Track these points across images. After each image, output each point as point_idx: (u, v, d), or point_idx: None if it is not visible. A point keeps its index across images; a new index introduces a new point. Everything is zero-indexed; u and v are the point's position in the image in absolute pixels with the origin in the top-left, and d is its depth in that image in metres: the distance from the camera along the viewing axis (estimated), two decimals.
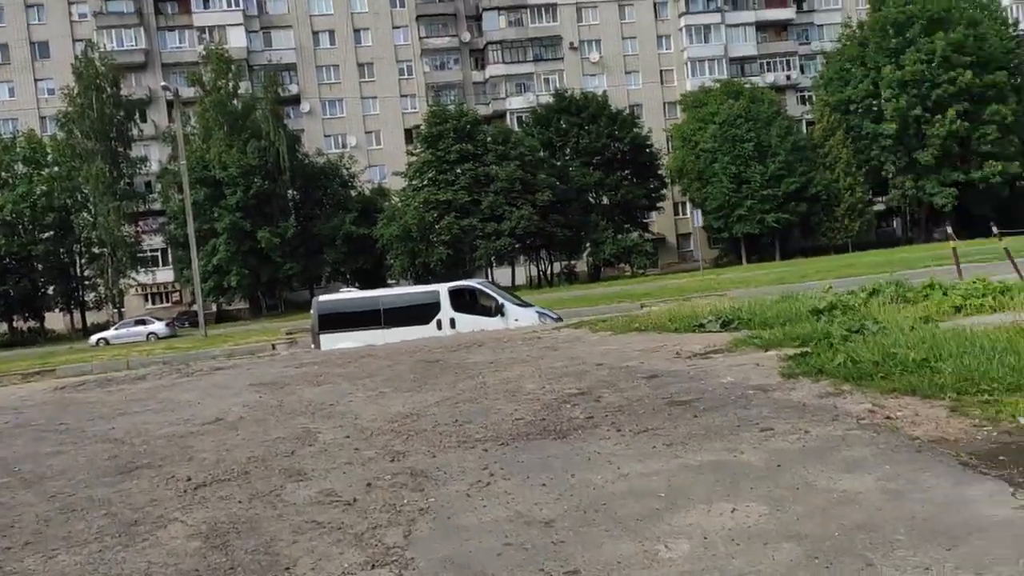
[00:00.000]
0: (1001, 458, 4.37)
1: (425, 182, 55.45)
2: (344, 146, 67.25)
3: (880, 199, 64.59)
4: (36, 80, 65.17)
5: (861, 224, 60.15)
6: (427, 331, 18.04)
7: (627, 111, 63.48)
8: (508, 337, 12.93)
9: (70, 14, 65.52)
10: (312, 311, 19.42)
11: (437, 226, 53.57)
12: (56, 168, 54.27)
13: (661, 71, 72.86)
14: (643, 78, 72.43)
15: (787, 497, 4.22)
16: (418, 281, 52.89)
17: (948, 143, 57.27)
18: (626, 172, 61.83)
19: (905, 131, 58.47)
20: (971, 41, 57.32)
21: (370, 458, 6.04)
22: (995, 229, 19.59)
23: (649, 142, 62.52)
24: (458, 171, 54.20)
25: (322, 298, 19.62)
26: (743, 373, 7.42)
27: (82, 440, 8.13)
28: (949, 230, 19.13)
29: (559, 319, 18.98)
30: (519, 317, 18.19)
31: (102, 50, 57.65)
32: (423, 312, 18.61)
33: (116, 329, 46.22)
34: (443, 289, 18.82)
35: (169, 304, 63.98)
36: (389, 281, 58.21)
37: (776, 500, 4.19)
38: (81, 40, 62.28)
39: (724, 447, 5.11)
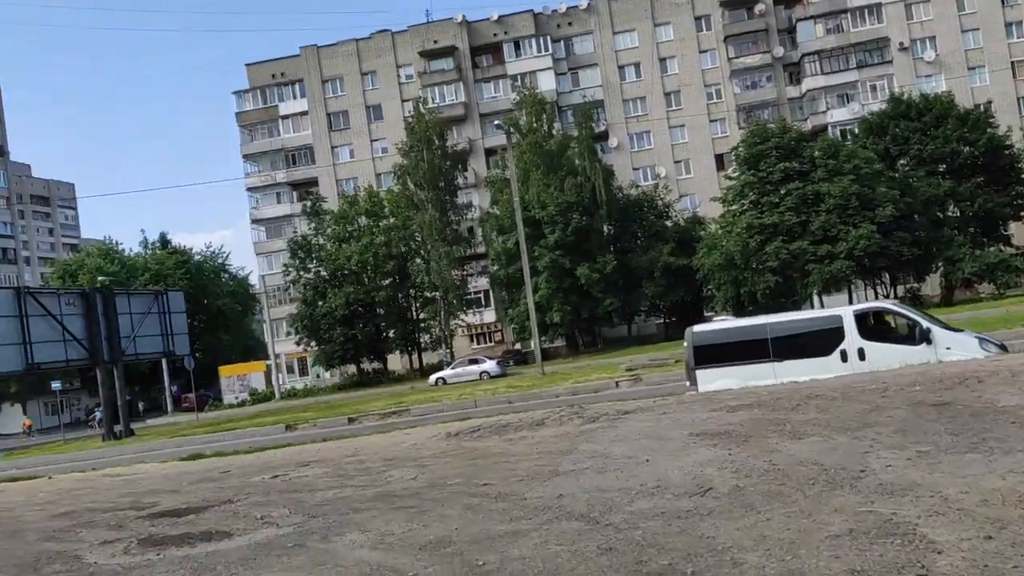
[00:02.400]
0: None
1: (746, 206, 51.91)
2: (654, 177, 65.82)
3: None
4: (372, 140, 70.86)
5: None
6: (828, 364, 15.14)
7: (977, 110, 55.53)
8: (1014, 371, 9.67)
9: (398, 77, 70.64)
10: (686, 343, 17.22)
11: (762, 252, 49.72)
12: (392, 219, 57.95)
13: (1013, 63, 63.45)
14: (990, 73, 63.49)
15: None
16: (740, 312, 49.31)
17: None
18: (980, 179, 53.85)
19: None
20: None
21: None
22: None
23: (1008, 143, 54.09)
24: (783, 191, 50.11)
25: (697, 328, 17.32)
26: None
27: (535, 513, 6.36)
28: None
29: (1003, 347, 15.15)
30: (952, 344, 14.62)
31: (429, 106, 61.21)
32: (822, 341, 15.69)
33: (452, 369, 47.63)
34: (847, 313, 15.74)
35: (491, 344, 65.73)
36: (707, 314, 55.13)
37: None
38: (408, 100, 66.82)
39: None
